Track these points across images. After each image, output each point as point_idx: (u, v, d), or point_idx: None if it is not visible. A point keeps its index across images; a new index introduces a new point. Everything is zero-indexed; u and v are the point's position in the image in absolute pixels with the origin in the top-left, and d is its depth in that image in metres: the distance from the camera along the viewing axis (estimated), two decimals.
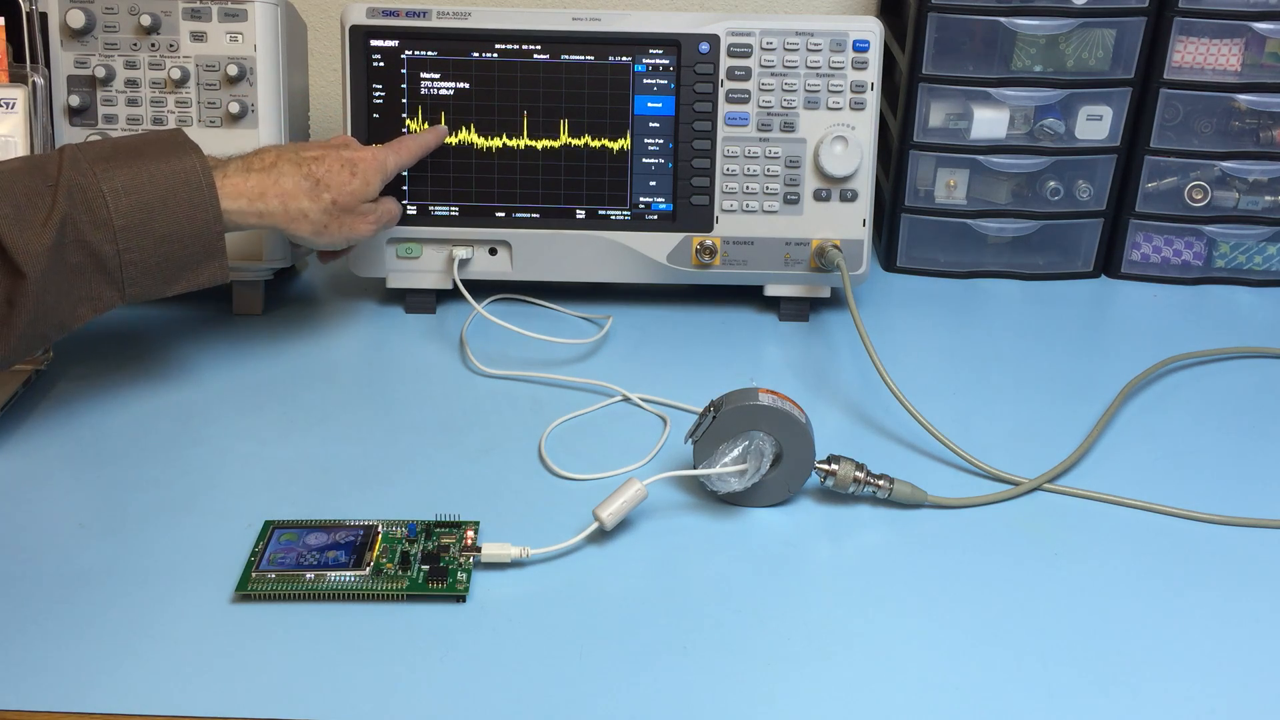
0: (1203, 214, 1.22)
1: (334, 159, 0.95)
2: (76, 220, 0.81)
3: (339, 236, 0.96)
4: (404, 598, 0.76)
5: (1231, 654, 0.74)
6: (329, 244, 0.96)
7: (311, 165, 0.93)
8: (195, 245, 0.86)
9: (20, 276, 0.79)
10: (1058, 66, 1.18)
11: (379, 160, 0.98)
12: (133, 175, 0.84)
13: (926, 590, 0.79)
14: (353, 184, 0.95)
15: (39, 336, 0.83)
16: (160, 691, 0.69)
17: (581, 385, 1.02)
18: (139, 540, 0.82)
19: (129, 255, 0.83)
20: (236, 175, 0.90)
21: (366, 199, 0.97)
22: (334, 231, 0.95)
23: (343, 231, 0.95)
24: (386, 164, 0.99)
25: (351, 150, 0.97)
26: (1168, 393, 1.04)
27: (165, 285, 0.87)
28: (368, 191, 0.96)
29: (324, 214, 0.93)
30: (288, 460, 0.91)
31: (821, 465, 0.85)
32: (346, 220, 0.95)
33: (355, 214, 0.96)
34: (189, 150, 0.87)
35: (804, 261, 1.10)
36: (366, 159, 0.97)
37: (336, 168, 0.94)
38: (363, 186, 0.96)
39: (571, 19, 1.07)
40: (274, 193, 0.90)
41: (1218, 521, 0.86)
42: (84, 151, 0.84)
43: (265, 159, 0.92)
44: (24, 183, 0.81)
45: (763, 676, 0.71)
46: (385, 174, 0.99)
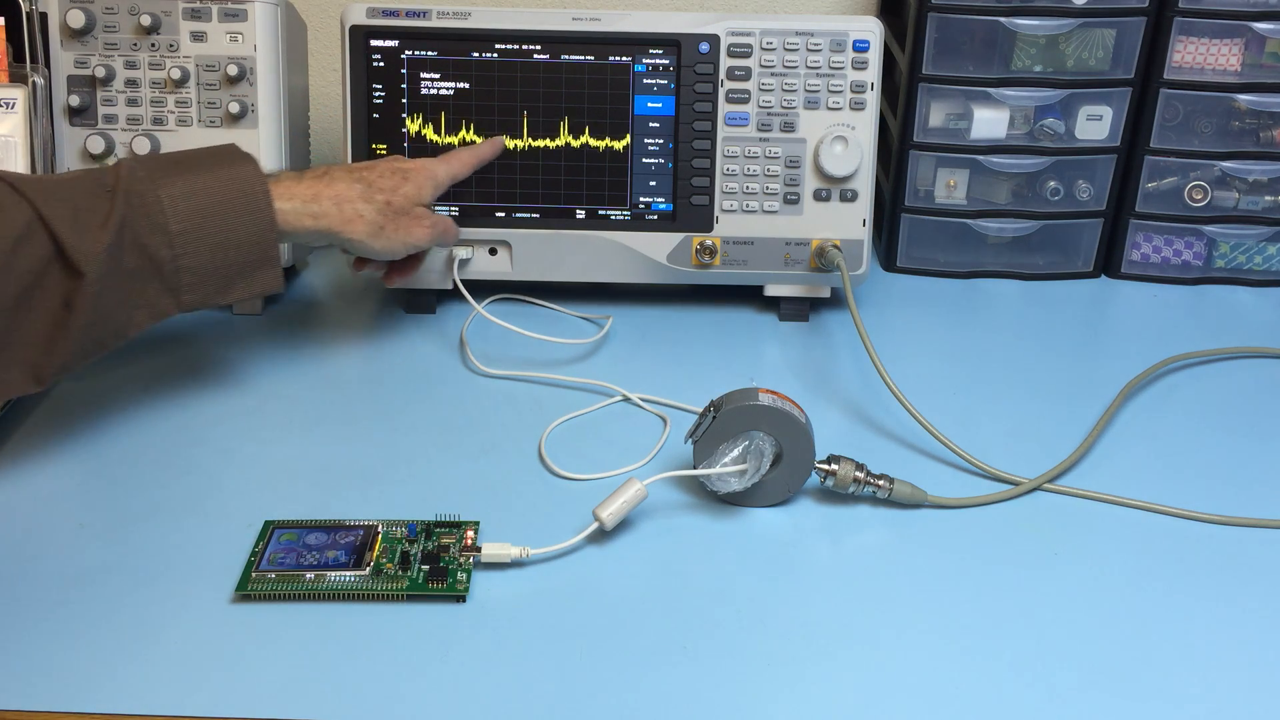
0: (1203, 214, 1.22)
1: (385, 166, 0.97)
2: (134, 224, 0.81)
3: (396, 240, 0.95)
4: (404, 598, 0.76)
5: (1231, 654, 0.74)
6: (386, 248, 0.95)
7: (363, 171, 0.95)
8: (251, 251, 0.86)
9: (79, 277, 0.79)
10: (1058, 66, 1.18)
11: (429, 169, 0.99)
12: (189, 183, 0.84)
13: (926, 590, 0.79)
14: (405, 187, 0.96)
15: (96, 342, 0.83)
16: (160, 691, 0.69)
17: (581, 385, 1.02)
18: (139, 540, 0.82)
19: (185, 261, 0.84)
20: (289, 180, 0.91)
21: (420, 203, 0.97)
22: (390, 234, 0.95)
23: (399, 234, 0.95)
24: (437, 173, 1.00)
25: (402, 160, 0.99)
26: (1168, 393, 1.04)
27: (221, 292, 0.87)
28: (421, 195, 0.97)
29: (379, 214, 0.94)
30: (288, 460, 0.91)
31: (821, 465, 0.85)
32: (403, 223, 0.96)
33: (410, 216, 0.96)
34: (244, 159, 0.88)
35: (804, 261, 1.10)
36: (417, 166, 0.98)
37: (388, 173, 0.96)
38: (415, 190, 0.97)
39: (571, 19, 1.07)
40: (328, 195, 0.91)
41: (1218, 521, 0.86)
42: (141, 162, 0.85)
43: (318, 169, 0.94)
44: (83, 188, 0.82)
45: (763, 676, 0.71)
46: (436, 182, 0.99)
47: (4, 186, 0.79)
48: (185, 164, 0.86)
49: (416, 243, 0.98)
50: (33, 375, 0.80)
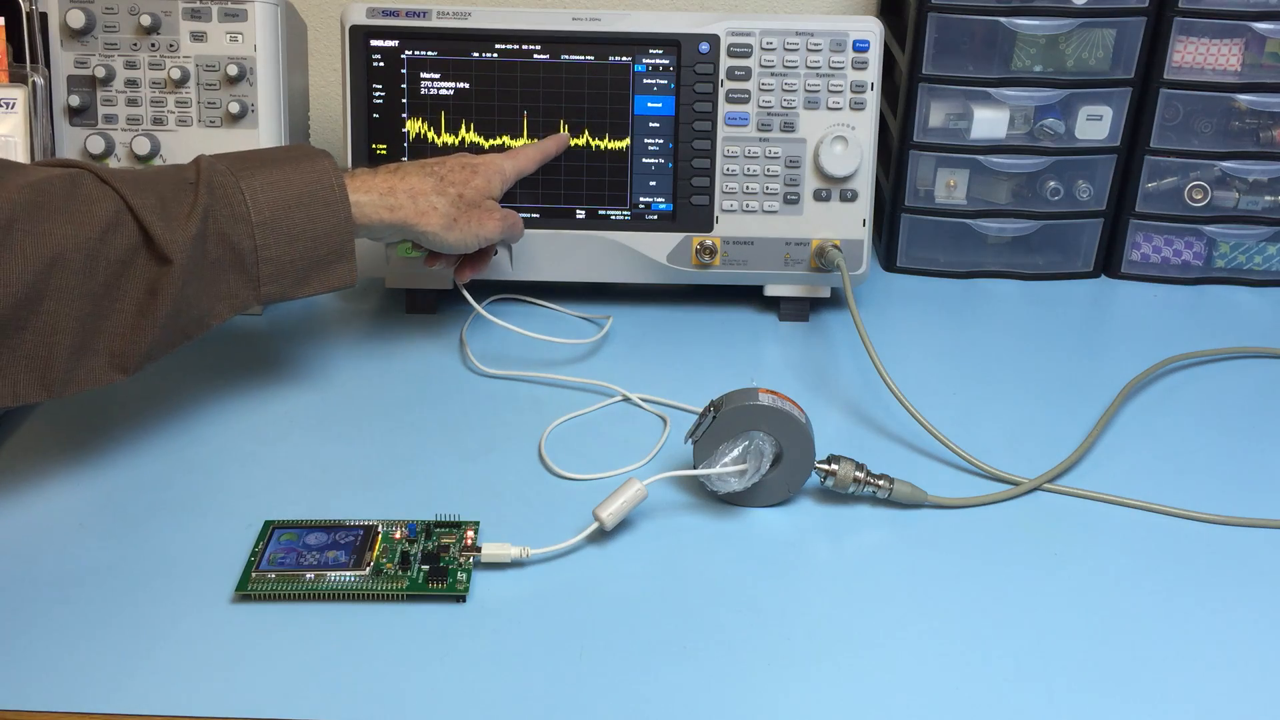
0: (1203, 214, 1.22)
1: (454, 161, 0.97)
2: (217, 214, 0.83)
3: (468, 233, 0.96)
4: (404, 598, 0.76)
5: (1232, 654, 0.74)
6: (459, 241, 0.96)
7: (434, 166, 0.96)
8: (328, 244, 0.88)
9: (166, 264, 0.80)
10: (1058, 66, 1.18)
11: (497, 163, 0.99)
12: (269, 175, 0.86)
13: (926, 590, 0.79)
14: (475, 180, 0.96)
15: (179, 331, 0.84)
16: (160, 691, 0.69)
17: (581, 385, 1.02)
18: (139, 540, 0.82)
19: (265, 252, 0.85)
20: (364, 175, 0.92)
21: (490, 196, 0.98)
22: (463, 226, 0.95)
23: (471, 227, 0.96)
24: (504, 167, 1.00)
25: (471, 156, 0.99)
26: (1168, 393, 1.04)
27: (298, 285, 0.88)
28: (490, 189, 0.97)
29: (452, 206, 0.94)
30: (288, 460, 0.91)
31: (821, 465, 0.85)
32: (474, 215, 0.96)
33: (482, 209, 0.97)
34: (320, 154, 0.90)
35: (804, 261, 1.10)
36: (485, 161, 0.99)
37: (458, 167, 0.96)
38: (485, 183, 0.97)
39: (571, 19, 1.07)
40: (402, 188, 0.92)
41: (1218, 521, 0.86)
42: (220, 158, 0.86)
43: (390, 165, 0.95)
44: (166, 180, 0.83)
45: (763, 676, 0.71)
46: (504, 176, 0.99)
47: (91, 177, 0.80)
48: (263, 159, 0.88)
49: (489, 236, 0.98)
50: (119, 364, 0.81)
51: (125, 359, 0.81)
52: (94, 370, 0.80)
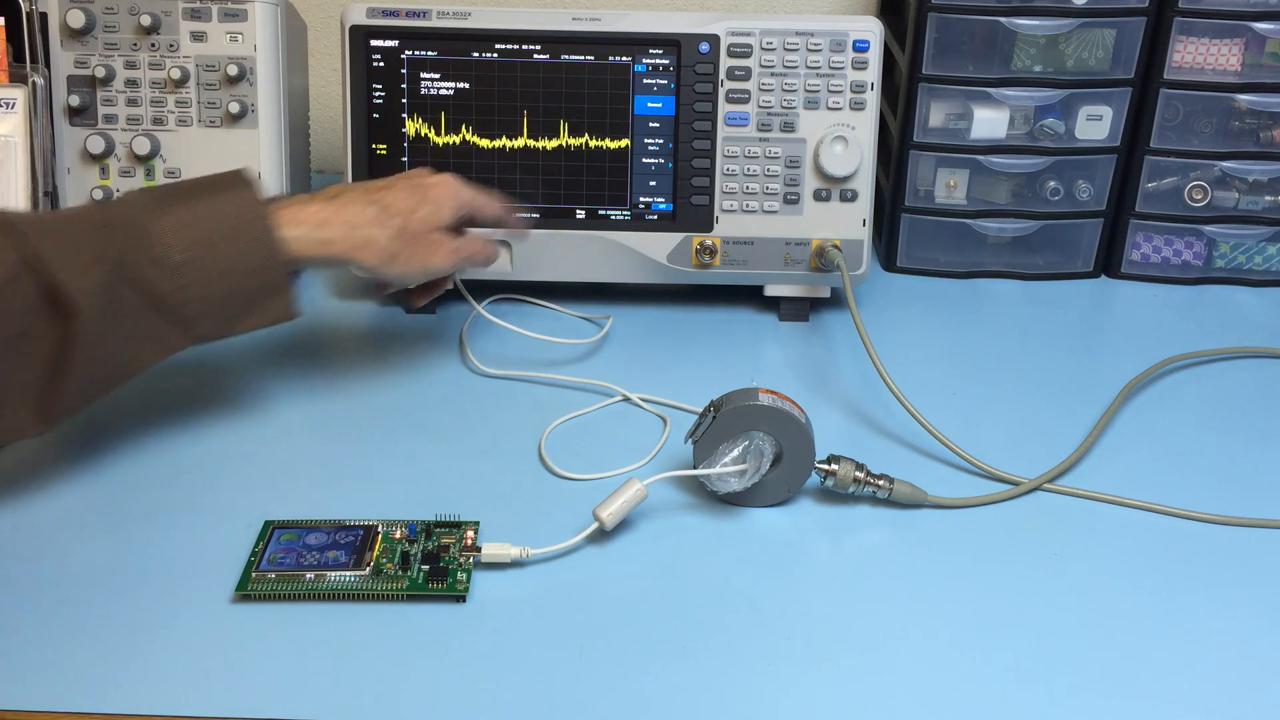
0: (1203, 214, 1.22)
1: (403, 186, 0.92)
2: (129, 259, 0.79)
3: (411, 266, 0.91)
4: (404, 598, 0.76)
5: (1232, 654, 0.74)
6: (403, 274, 0.92)
7: (379, 193, 0.91)
8: (258, 278, 0.84)
9: (71, 316, 0.76)
10: (1058, 66, 1.18)
11: (449, 189, 0.94)
12: (187, 212, 0.82)
13: (926, 590, 0.79)
14: (421, 209, 0.91)
15: (100, 381, 0.81)
16: (160, 691, 0.69)
17: (581, 385, 1.02)
18: (139, 540, 0.82)
19: (189, 292, 0.81)
20: (297, 205, 0.87)
21: (437, 226, 0.92)
22: (405, 261, 0.90)
23: (414, 261, 0.91)
24: (459, 195, 0.94)
25: (423, 178, 0.94)
26: (1168, 393, 1.04)
27: (231, 323, 0.84)
28: (439, 218, 0.92)
29: (394, 239, 0.89)
30: (288, 460, 0.91)
31: (821, 465, 0.85)
32: (419, 247, 0.91)
33: (426, 242, 0.91)
34: (245, 185, 0.85)
35: (804, 261, 1.10)
36: (437, 184, 0.93)
37: (405, 194, 0.91)
38: (433, 213, 0.92)
39: (571, 19, 1.07)
40: (338, 220, 0.87)
41: (1218, 521, 0.86)
42: (141, 195, 0.83)
43: (330, 190, 0.90)
44: (78, 224, 0.80)
45: (763, 676, 0.71)
46: (457, 202, 0.94)
47: None
48: (185, 193, 0.84)
49: (436, 268, 0.93)
50: (37, 416, 0.78)
51: (46, 410, 0.78)
52: (16, 422, 0.78)
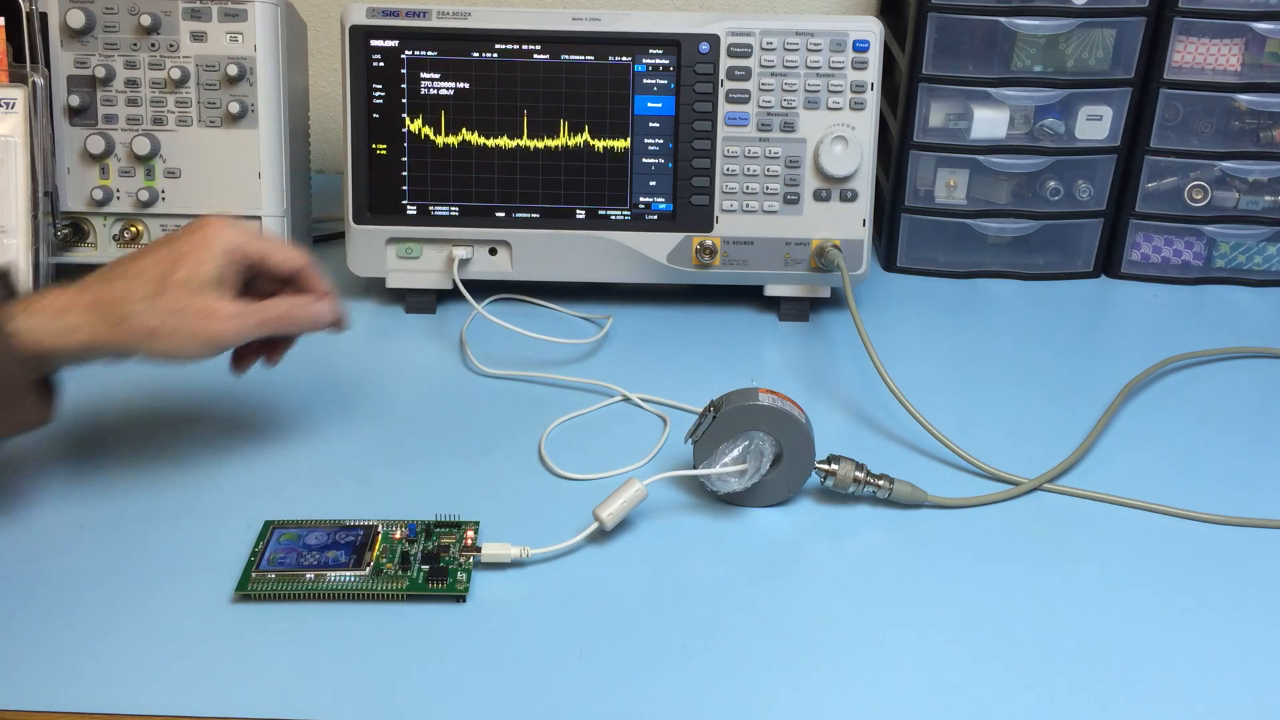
0: (1203, 214, 1.22)
1: (158, 245, 0.80)
2: None
3: (185, 340, 0.78)
4: (404, 598, 0.76)
5: (1232, 654, 0.74)
6: (180, 351, 0.78)
7: (134, 261, 0.79)
8: None
9: None
10: (1058, 66, 1.18)
11: (215, 232, 0.80)
12: None
13: (926, 590, 0.79)
14: (178, 272, 0.77)
15: None
16: (160, 691, 0.69)
17: (581, 385, 1.02)
18: (139, 540, 0.82)
19: None
20: (49, 294, 0.77)
21: (203, 284, 0.78)
22: (171, 334, 0.77)
23: (186, 331, 0.77)
24: (227, 237, 0.80)
25: (183, 231, 0.80)
26: (1168, 393, 1.04)
27: None
28: (199, 273, 0.78)
29: (149, 313, 0.77)
30: (288, 460, 0.91)
31: (821, 465, 0.85)
32: (187, 318, 0.77)
33: (194, 310, 0.77)
34: None
35: (804, 261, 1.10)
36: (197, 232, 0.80)
37: (159, 255, 0.79)
38: (191, 271, 0.78)
39: (571, 19, 1.07)
40: (82, 303, 0.76)
41: (1218, 521, 0.86)
42: None
43: (95, 274, 0.79)
44: None
45: (763, 676, 0.71)
46: (227, 247, 0.80)
47: None
48: None
49: (219, 337, 0.79)
50: None
51: None
52: None
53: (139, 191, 1.07)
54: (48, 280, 1.01)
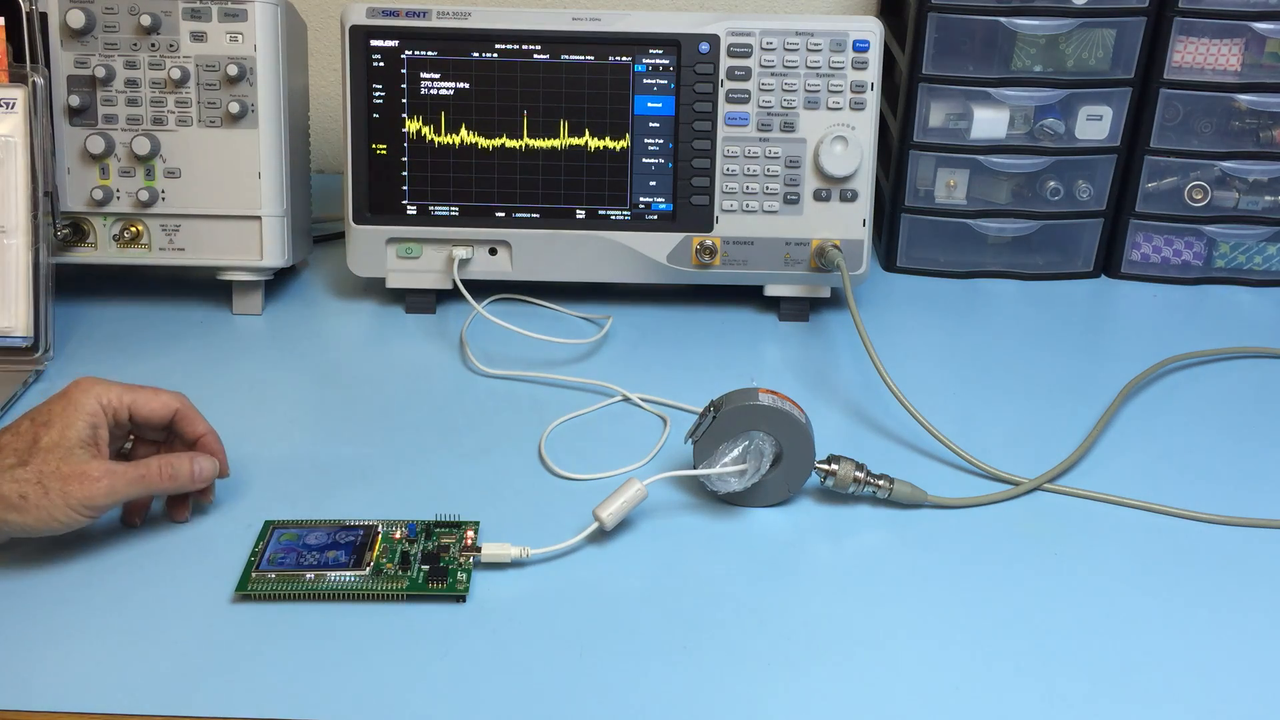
0: (1203, 214, 1.22)
1: (24, 419, 0.77)
2: None
3: (50, 509, 0.74)
4: (404, 598, 0.76)
5: (1231, 654, 0.74)
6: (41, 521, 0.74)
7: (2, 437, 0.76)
8: None
9: None
10: (1058, 66, 1.18)
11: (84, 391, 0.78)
12: None
13: (926, 590, 0.79)
14: (46, 436, 0.75)
15: None
16: (160, 691, 0.69)
17: (581, 385, 1.02)
18: (139, 540, 0.82)
19: None
20: None
21: (68, 447, 0.75)
22: (34, 507, 0.73)
23: (47, 503, 0.73)
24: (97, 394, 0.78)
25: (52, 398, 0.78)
26: (1168, 393, 1.04)
27: None
28: (64, 439, 0.75)
29: (10, 485, 0.73)
30: (288, 460, 0.91)
31: (821, 465, 0.85)
32: (58, 482, 0.74)
33: (59, 476, 0.74)
34: None
35: (804, 261, 1.10)
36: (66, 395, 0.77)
37: (23, 426, 0.76)
38: (59, 434, 0.75)
39: (571, 19, 1.07)
40: None
41: (1218, 521, 0.86)
42: None
43: None
44: None
45: (763, 676, 0.71)
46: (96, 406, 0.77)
47: None
48: None
49: (90, 500, 0.74)
50: None
51: None
52: None
53: (139, 191, 1.07)
54: (48, 280, 1.01)
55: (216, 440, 0.83)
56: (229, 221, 1.09)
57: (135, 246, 1.09)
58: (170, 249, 1.09)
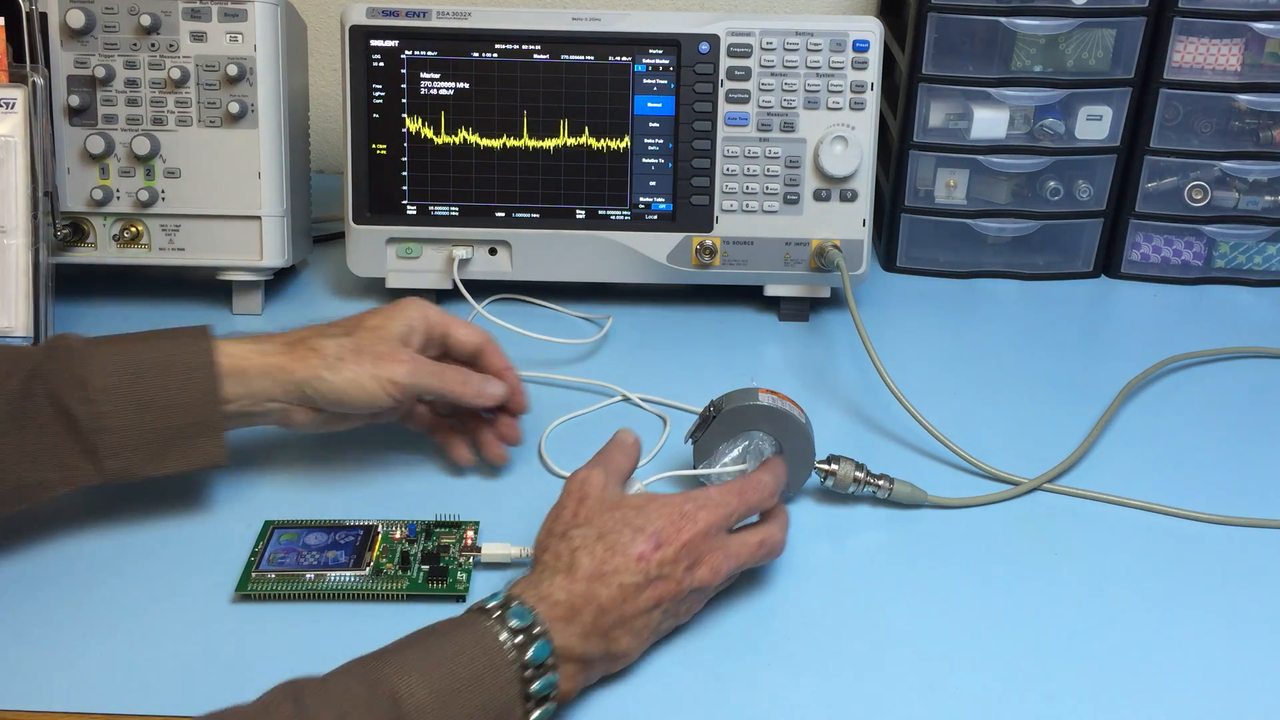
0: (1203, 214, 1.22)
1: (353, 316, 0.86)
2: (48, 375, 0.75)
3: (362, 372, 0.81)
4: (404, 598, 0.76)
5: (1231, 654, 0.74)
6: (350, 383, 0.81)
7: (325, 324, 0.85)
8: (187, 414, 0.77)
9: None
10: (1058, 66, 1.18)
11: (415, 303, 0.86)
12: (124, 342, 0.78)
13: (926, 590, 0.79)
14: (367, 322, 0.84)
15: None
16: (160, 691, 0.69)
17: (581, 385, 1.02)
18: (139, 540, 0.82)
19: (107, 420, 0.75)
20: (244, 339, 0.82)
21: (385, 334, 0.83)
22: (351, 365, 0.80)
23: (364, 366, 0.81)
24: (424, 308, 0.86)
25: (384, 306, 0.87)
26: (1168, 393, 1.04)
27: (151, 462, 0.77)
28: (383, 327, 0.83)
29: (339, 347, 0.81)
30: (288, 460, 0.91)
31: (821, 465, 0.85)
32: (364, 356, 0.81)
33: (371, 352, 0.82)
34: (198, 329, 0.80)
35: (804, 261, 1.10)
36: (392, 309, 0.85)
37: (352, 317, 0.85)
38: (378, 324, 0.84)
39: (571, 19, 1.07)
40: (280, 338, 0.82)
41: (1218, 521, 0.86)
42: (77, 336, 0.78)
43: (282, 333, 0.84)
44: (7, 347, 0.77)
45: (763, 676, 0.71)
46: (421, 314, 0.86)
47: None
48: (129, 335, 0.79)
49: (392, 375, 0.81)
50: None
51: None
52: None
53: (139, 191, 1.07)
54: (48, 280, 1.01)
55: (517, 378, 0.90)
56: (229, 221, 1.09)
57: (135, 246, 1.09)
58: (170, 249, 1.09)
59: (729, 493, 0.75)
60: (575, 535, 0.70)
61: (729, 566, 0.73)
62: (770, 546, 0.76)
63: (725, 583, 0.75)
